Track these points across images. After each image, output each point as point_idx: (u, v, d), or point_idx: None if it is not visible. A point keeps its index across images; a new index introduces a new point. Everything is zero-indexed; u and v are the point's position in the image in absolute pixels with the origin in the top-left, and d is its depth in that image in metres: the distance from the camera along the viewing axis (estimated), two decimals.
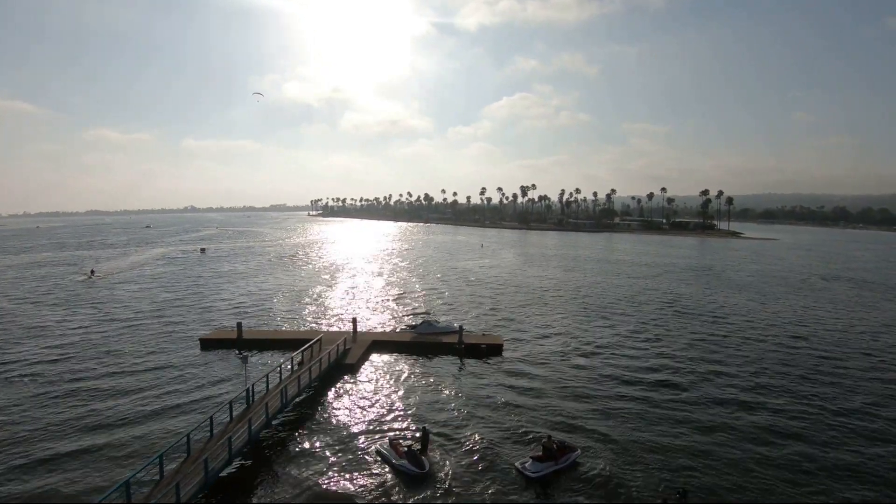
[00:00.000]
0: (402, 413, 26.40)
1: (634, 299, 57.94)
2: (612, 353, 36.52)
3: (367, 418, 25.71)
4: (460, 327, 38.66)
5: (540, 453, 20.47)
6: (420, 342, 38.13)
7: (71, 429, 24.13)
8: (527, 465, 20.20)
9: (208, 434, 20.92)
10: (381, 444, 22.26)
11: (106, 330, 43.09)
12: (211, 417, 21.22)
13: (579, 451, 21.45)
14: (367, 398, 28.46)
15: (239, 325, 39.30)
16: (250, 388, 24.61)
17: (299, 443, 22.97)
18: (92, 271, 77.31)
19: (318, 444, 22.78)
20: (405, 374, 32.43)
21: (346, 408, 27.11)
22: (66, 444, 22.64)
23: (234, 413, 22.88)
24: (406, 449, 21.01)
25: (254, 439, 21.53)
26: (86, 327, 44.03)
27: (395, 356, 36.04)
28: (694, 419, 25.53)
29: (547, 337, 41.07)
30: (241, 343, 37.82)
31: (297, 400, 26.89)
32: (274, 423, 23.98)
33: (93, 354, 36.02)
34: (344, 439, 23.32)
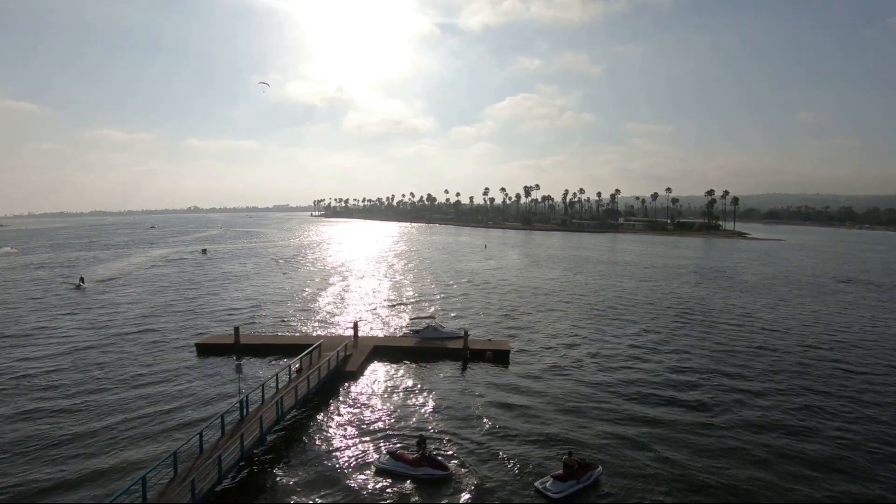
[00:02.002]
0: (405, 424, 24.96)
1: (646, 303, 56.33)
2: (625, 361, 34.98)
3: (369, 430, 24.25)
4: (465, 332, 37.21)
5: (561, 472, 19.06)
6: (423, 348, 36.70)
7: (46, 447, 22.53)
8: (548, 484, 18.80)
9: (197, 451, 19.50)
10: (381, 462, 20.78)
11: (95, 337, 41.75)
12: (200, 433, 19.78)
13: (600, 468, 20.06)
14: (369, 408, 27.02)
15: (236, 329, 37.93)
16: (244, 400, 23.24)
17: (296, 459, 21.51)
18: (81, 279, 69.78)
19: (316, 461, 21.31)
20: (408, 382, 31.03)
21: (347, 419, 25.65)
22: (38, 464, 21.11)
23: (227, 427, 21.51)
24: (420, 455, 20.19)
25: (246, 456, 20.13)
26: (72, 336, 42.47)
27: (397, 363, 34.61)
28: (718, 432, 24.01)
29: (555, 343, 39.56)
30: (239, 348, 36.53)
31: (295, 411, 25.47)
32: (269, 437, 22.53)
33: (79, 363, 34.69)
34: (345, 454, 21.86)
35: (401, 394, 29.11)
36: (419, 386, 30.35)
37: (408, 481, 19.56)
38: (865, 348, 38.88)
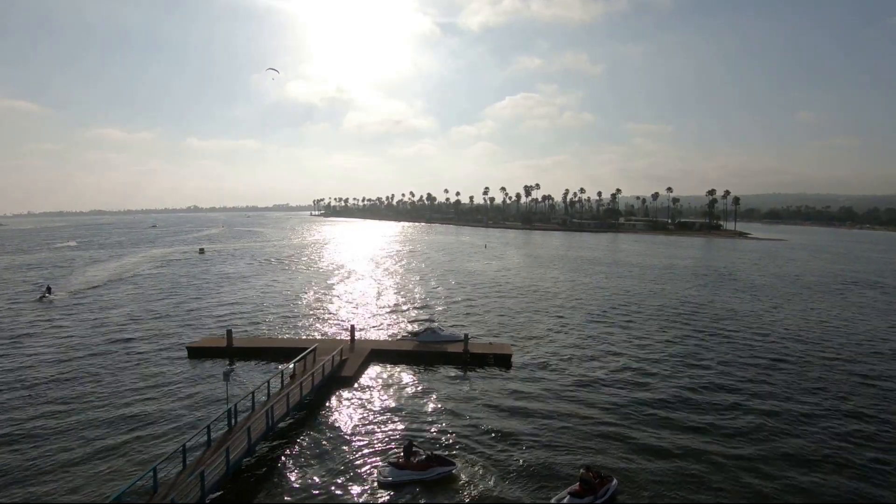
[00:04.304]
0: (404, 432, 23.72)
1: (652, 305, 54.86)
2: (634, 366, 33.62)
3: (367, 440, 23.01)
4: (466, 335, 36.04)
5: (577, 486, 17.87)
6: (422, 351, 35.48)
7: (14, 460, 21.12)
8: (564, 501, 17.66)
9: (180, 466, 18.26)
10: (384, 475, 19.50)
11: (81, 338, 40.52)
12: (184, 445, 18.56)
13: (616, 481, 18.85)
14: (366, 415, 25.78)
15: (229, 332, 36.71)
16: (232, 409, 22.01)
17: (288, 473, 20.24)
18: (48, 288, 59.92)
19: (311, 474, 20.04)
20: (407, 388, 29.84)
21: (343, 428, 24.38)
22: (6, 481, 19.70)
23: (213, 438, 20.29)
24: (424, 456, 19.58)
25: (232, 470, 18.86)
26: (57, 338, 41.36)
27: (395, 367, 33.42)
28: (737, 440, 22.78)
29: (559, 346, 38.31)
30: (231, 352, 35.36)
31: (287, 420, 24.23)
32: (258, 449, 21.27)
33: (61, 364, 33.44)
34: (342, 466, 20.59)
35: (399, 400, 27.90)
36: (418, 391, 29.15)
37: (419, 487, 18.71)
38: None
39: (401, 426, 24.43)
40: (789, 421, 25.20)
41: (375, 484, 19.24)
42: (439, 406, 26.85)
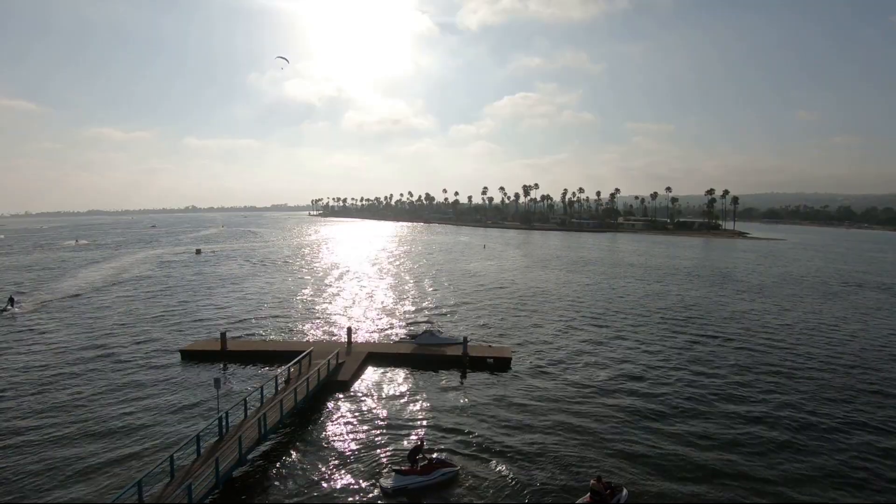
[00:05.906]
0: (402, 437, 23.06)
1: (656, 307, 54.00)
2: (639, 370, 32.86)
3: (364, 446, 22.26)
4: (465, 338, 35.30)
5: (587, 498, 17.17)
6: (421, 354, 34.80)
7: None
8: None
9: (167, 478, 17.46)
10: (387, 482, 18.76)
11: (60, 349, 39.62)
12: (171, 456, 17.75)
13: (625, 491, 18.12)
14: (363, 421, 25.05)
15: (223, 335, 35.97)
16: (224, 416, 21.23)
17: (281, 483, 19.47)
18: (11, 299, 52.42)
19: (305, 484, 19.25)
20: (404, 391, 29.16)
21: (340, 434, 23.64)
22: None
23: (203, 448, 19.51)
24: (427, 461, 19.09)
25: (222, 481, 18.09)
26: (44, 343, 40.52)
27: (393, 370, 32.73)
28: (749, 451, 22.03)
29: (560, 349, 37.56)
30: (225, 355, 34.63)
31: (281, 427, 23.47)
32: (250, 458, 20.49)
33: (52, 370, 32.62)
34: (339, 474, 19.87)
35: (397, 404, 27.21)
36: (416, 395, 28.45)
37: (424, 492, 18.25)
38: None
39: (399, 431, 23.74)
40: (810, 435, 23.93)
41: (377, 492, 18.55)
42: (438, 410, 26.15)
